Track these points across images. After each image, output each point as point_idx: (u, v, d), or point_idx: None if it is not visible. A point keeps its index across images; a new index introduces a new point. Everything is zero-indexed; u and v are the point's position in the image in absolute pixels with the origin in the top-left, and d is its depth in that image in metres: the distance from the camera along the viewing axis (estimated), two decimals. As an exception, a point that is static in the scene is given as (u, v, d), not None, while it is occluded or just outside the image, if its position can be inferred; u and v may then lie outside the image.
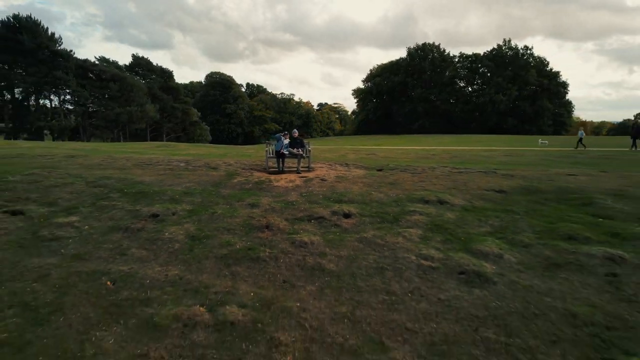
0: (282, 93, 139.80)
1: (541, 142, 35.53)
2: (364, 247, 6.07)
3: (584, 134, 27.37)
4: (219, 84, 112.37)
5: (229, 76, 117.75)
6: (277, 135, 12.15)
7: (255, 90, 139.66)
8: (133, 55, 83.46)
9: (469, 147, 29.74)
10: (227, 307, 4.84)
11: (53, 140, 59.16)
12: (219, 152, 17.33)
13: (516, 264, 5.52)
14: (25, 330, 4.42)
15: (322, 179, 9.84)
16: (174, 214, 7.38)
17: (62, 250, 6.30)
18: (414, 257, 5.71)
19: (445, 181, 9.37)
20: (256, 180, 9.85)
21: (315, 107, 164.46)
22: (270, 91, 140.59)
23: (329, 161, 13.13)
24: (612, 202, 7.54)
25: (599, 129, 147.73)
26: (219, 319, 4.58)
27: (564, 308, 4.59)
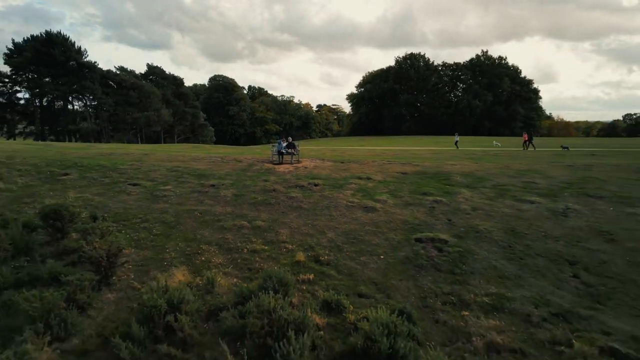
0: (282, 95, 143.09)
1: (495, 144, 39.49)
2: (322, 198, 11.73)
3: (525, 138, 32.10)
4: (222, 86, 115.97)
5: (231, 79, 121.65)
6: (279, 140, 17.76)
7: (257, 93, 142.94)
8: (148, 65, 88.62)
9: (423, 147, 35.08)
10: (257, 221, 10.47)
11: (75, 141, 64.58)
12: (238, 151, 22.95)
13: (392, 204, 11.19)
14: (167, 231, 10.07)
15: (305, 167, 15.49)
16: (222, 184, 13.02)
17: (169, 201, 11.92)
18: (345, 202, 11.38)
19: (376, 168, 15.02)
20: (266, 167, 15.50)
21: (315, 108, 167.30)
22: (270, 93, 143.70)
23: (312, 158, 18.68)
24: (460, 178, 13.23)
25: (589, 129, 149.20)
26: (252, 224, 10.24)
27: (404, 220, 10.27)
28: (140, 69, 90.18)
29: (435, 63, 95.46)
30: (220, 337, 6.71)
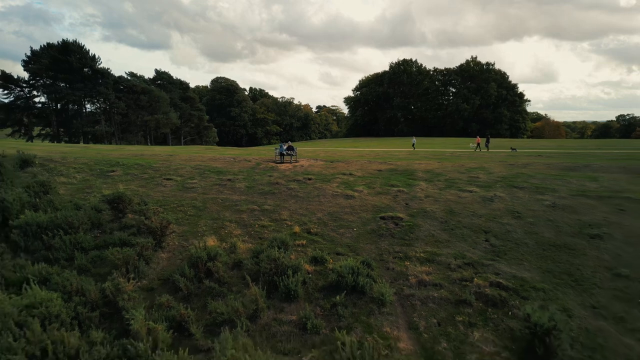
0: (282, 97, 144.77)
1: (471, 145, 42.33)
2: (313, 189, 14.95)
3: (478, 140, 35.20)
4: (225, 88, 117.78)
5: (233, 80, 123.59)
6: (281, 143, 20.98)
7: (258, 94, 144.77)
8: (156, 70, 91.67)
9: (403, 149, 38.17)
10: (264, 205, 13.69)
11: (87, 142, 67.63)
12: (246, 152, 26.19)
13: (366, 193, 14.41)
14: (197, 213, 13.31)
15: (301, 166, 18.70)
16: (237, 179, 16.23)
17: (197, 191, 15.10)
18: (331, 192, 14.60)
19: (358, 166, 18.23)
20: (270, 166, 18.70)
21: (314, 109, 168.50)
22: (270, 93, 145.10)
23: (307, 158, 21.85)
24: (422, 174, 16.45)
25: (584, 130, 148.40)
26: (261, 208, 13.47)
27: (374, 204, 13.50)
28: (139, 69, 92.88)
29: (428, 68, 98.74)
30: (242, 278, 9.95)
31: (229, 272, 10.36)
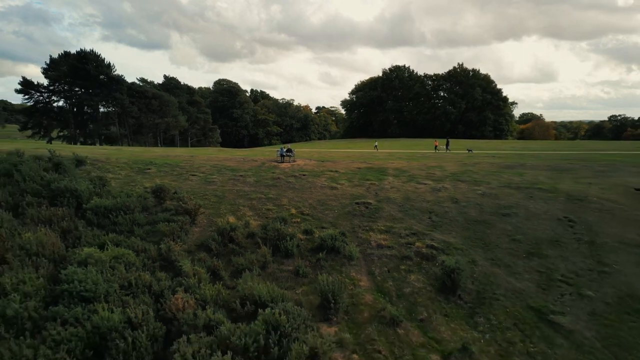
0: (283, 98, 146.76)
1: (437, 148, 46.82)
2: (306, 182, 18.80)
3: (436, 144, 39.44)
4: (227, 91, 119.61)
5: (235, 83, 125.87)
6: (281, 147, 24.80)
7: (259, 96, 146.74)
8: (165, 76, 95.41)
9: (384, 151, 42.06)
10: (269, 195, 17.57)
11: (101, 144, 71.38)
12: (253, 153, 30.05)
13: (347, 186, 18.27)
14: (219, 200, 17.18)
15: (298, 165, 22.54)
16: (247, 175, 20.06)
17: (216, 184, 18.92)
18: (320, 184, 18.47)
19: (343, 166, 22.08)
20: (273, 165, 22.54)
21: (314, 110, 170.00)
22: (271, 95, 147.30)
23: (303, 158, 25.63)
24: (392, 171, 20.29)
25: (577, 130, 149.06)
26: (266, 197, 17.37)
27: (352, 193, 17.38)
28: (139, 68, 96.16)
29: (419, 73, 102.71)
30: (255, 243, 13.79)
31: (245, 239, 14.19)
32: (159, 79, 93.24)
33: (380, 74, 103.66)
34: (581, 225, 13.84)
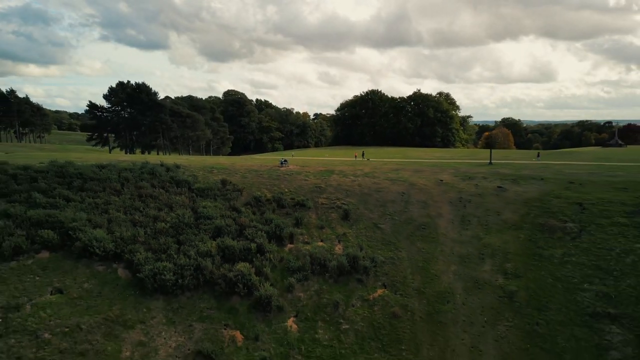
0: (284, 107, 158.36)
1: (356, 157, 62.26)
2: (293, 177, 33.88)
3: (356, 154, 55.08)
4: (235, 101, 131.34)
5: (242, 93, 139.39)
6: (280, 159, 39.86)
7: (263, 105, 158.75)
8: (190, 96, 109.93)
9: (348, 158, 57.36)
10: (275, 183, 32.78)
11: (149, 153, 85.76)
12: (265, 160, 45.07)
13: (312, 179, 33.42)
14: (250, 185, 32.51)
15: (289, 168, 37.56)
16: (264, 172, 35.10)
17: (249, 178, 33.94)
18: (300, 178, 33.62)
19: (313, 169, 36.98)
20: (276, 167, 37.51)
21: (312, 116, 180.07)
22: (272, 93, 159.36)
23: (294, 164, 40.33)
24: (337, 170, 35.34)
25: (550, 134, 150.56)
26: (274, 184, 32.60)
27: (314, 183, 32.59)
28: (139, 68, 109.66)
29: (389, 96, 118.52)
30: (270, 202, 28.85)
31: (265, 201, 29.16)
32: (159, 79, 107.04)
33: (365, 92, 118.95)
34: (407, 195, 29.09)
